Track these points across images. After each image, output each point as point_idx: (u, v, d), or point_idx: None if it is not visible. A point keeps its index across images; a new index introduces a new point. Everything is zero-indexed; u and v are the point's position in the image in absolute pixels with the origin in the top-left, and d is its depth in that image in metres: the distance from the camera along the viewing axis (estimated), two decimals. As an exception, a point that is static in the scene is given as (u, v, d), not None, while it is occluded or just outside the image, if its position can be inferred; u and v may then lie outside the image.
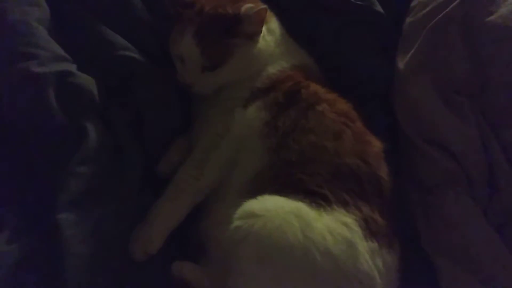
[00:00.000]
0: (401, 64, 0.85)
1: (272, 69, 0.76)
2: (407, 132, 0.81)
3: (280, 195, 0.61)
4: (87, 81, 0.72)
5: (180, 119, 0.79)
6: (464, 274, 0.70)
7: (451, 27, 0.81)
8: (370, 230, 0.61)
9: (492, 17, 0.79)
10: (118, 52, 0.76)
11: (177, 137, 0.78)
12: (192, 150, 0.73)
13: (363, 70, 0.88)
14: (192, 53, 0.71)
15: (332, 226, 0.59)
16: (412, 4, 0.90)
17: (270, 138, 0.69)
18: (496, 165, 0.75)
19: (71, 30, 0.78)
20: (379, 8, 0.90)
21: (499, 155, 0.75)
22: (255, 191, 0.63)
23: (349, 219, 0.60)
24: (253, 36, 0.74)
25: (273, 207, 0.59)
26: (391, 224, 0.66)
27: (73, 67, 0.73)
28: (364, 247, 0.59)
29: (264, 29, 0.75)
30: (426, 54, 0.82)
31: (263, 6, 0.71)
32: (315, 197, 0.61)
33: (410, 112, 0.82)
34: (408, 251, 0.72)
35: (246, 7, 0.70)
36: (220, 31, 0.70)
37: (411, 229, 0.76)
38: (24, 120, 0.69)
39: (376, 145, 0.71)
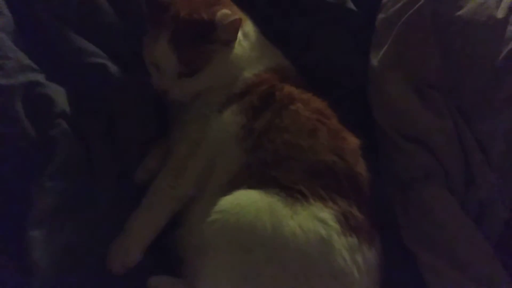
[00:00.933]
0: (374, 60, 0.85)
1: (248, 74, 0.76)
2: (383, 128, 0.82)
3: (256, 188, 0.62)
4: (56, 91, 0.70)
5: (155, 127, 0.77)
6: (446, 267, 0.70)
7: (421, 22, 0.81)
8: (349, 225, 0.61)
9: (461, 12, 0.80)
10: (88, 59, 0.74)
11: (154, 143, 0.77)
12: (168, 158, 0.72)
13: (339, 68, 0.88)
14: (168, 59, 0.68)
15: (306, 224, 0.59)
16: (384, 0, 0.91)
17: (246, 140, 0.68)
18: (471, 158, 0.76)
19: (37, 38, 0.76)
20: (351, 5, 0.90)
21: (474, 147, 0.76)
22: (231, 191, 0.63)
23: (326, 214, 0.60)
24: (229, 42, 0.73)
25: (246, 203, 0.60)
26: (371, 219, 0.66)
27: (41, 77, 0.71)
28: (341, 243, 0.59)
29: (239, 33, 0.74)
30: (399, 50, 0.82)
31: (237, 16, 0.69)
32: (292, 191, 0.61)
33: (386, 108, 0.82)
34: (389, 246, 0.73)
35: (221, 13, 0.68)
36: (196, 37, 0.69)
37: (392, 225, 0.76)
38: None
39: (353, 141, 0.71)
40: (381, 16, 0.89)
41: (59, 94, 0.70)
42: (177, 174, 0.69)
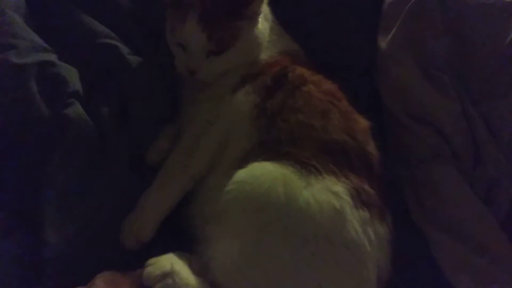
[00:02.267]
0: (383, 44, 0.86)
1: (264, 55, 0.77)
2: (391, 110, 0.82)
3: (271, 160, 0.63)
4: (69, 71, 0.70)
5: (168, 107, 0.77)
6: (456, 244, 0.71)
7: (429, 4, 0.82)
8: (361, 199, 0.62)
9: (470, -7, 0.81)
10: (100, 40, 0.74)
11: (165, 125, 0.77)
12: (181, 137, 0.73)
13: (347, 51, 0.89)
14: (198, 38, 0.69)
15: (319, 195, 0.60)
16: (392, -16, 0.91)
17: (260, 119, 0.69)
18: (479, 138, 0.77)
19: (50, 18, 0.76)
20: (358, -13, 0.91)
21: (482, 128, 0.77)
22: (245, 165, 0.64)
23: (339, 187, 0.61)
24: (254, 16, 0.73)
25: (261, 173, 0.61)
26: (382, 196, 0.67)
27: (54, 57, 0.71)
28: (353, 215, 0.60)
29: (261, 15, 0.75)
30: (407, 33, 0.83)
31: None
32: (306, 165, 0.62)
33: (394, 90, 0.83)
34: (399, 225, 0.74)
35: None
36: (225, 15, 0.69)
37: (401, 204, 0.77)
38: (4, 113, 0.66)
39: (363, 122, 0.72)
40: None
41: (72, 74, 0.70)
42: (190, 153, 0.70)
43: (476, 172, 0.76)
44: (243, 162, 0.65)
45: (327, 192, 0.60)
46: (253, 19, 0.74)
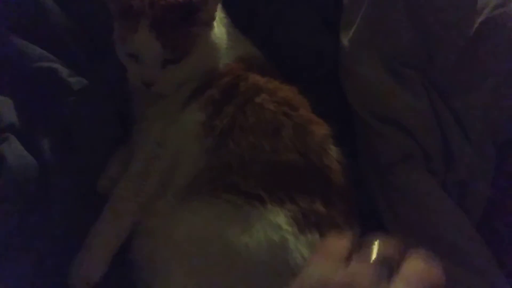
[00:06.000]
0: (345, 40, 0.81)
1: (219, 63, 0.72)
2: (358, 111, 0.78)
3: (214, 197, 0.61)
4: (2, 103, 0.65)
5: (118, 129, 0.73)
6: (428, 250, 0.68)
7: (392, -3, 0.77)
8: (309, 222, 0.60)
9: (433, -16, 0.75)
10: (35, 64, 0.69)
11: (118, 147, 0.73)
12: (130, 162, 0.68)
13: (307, 50, 0.84)
14: (152, 47, 0.64)
15: (258, 234, 0.58)
16: (351, -24, 0.86)
17: (207, 138, 0.65)
18: (450, 136, 0.73)
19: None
20: (317, -16, 0.85)
21: (452, 125, 0.73)
22: (191, 195, 0.62)
23: (281, 218, 0.59)
24: (209, 21, 0.69)
25: (196, 223, 0.60)
26: (344, 210, 0.64)
27: None
28: (298, 242, 0.58)
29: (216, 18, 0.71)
30: (369, 28, 0.78)
31: None
32: (250, 197, 0.60)
33: (359, 90, 0.78)
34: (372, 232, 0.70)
35: None
36: (178, 21, 0.65)
37: (373, 209, 0.74)
38: None
39: (321, 132, 0.67)
40: (349, -7, 0.84)
41: (5, 106, 0.65)
42: (139, 180, 0.65)
43: (448, 173, 0.73)
44: (188, 190, 0.62)
45: (268, 227, 0.58)
46: (209, 24, 0.70)
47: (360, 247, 0.40)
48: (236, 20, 0.81)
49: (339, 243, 0.40)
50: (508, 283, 0.66)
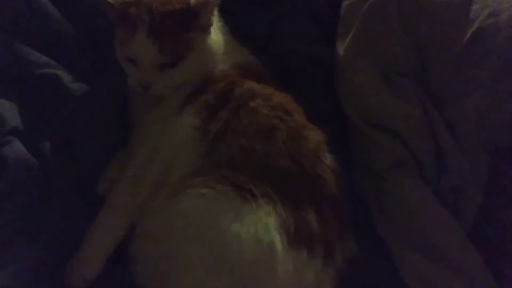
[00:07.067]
0: (340, 49, 0.83)
1: (215, 69, 0.74)
2: (352, 118, 0.79)
3: (206, 186, 0.61)
4: (6, 107, 0.68)
5: (117, 133, 0.75)
6: (420, 258, 0.69)
7: (385, 6, 0.78)
8: (299, 237, 0.59)
9: (426, -6, 0.77)
10: (39, 70, 0.72)
11: (117, 150, 0.75)
12: (127, 165, 0.70)
13: (305, 59, 0.86)
14: (149, 51, 0.67)
15: (250, 230, 0.58)
16: (349, -14, 0.88)
17: (201, 142, 0.66)
18: (443, 143, 0.74)
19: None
20: (315, -6, 0.87)
21: (445, 133, 0.74)
22: (184, 188, 0.63)
23: (271, 221, 0.59)
24: (206, 27, 0.72)
25: (189, 207, 0.61)
26: (335, 224, 0.64)
27: None
28: (285, 254, 0.58)
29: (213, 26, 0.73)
30: (364, 37, 0.80)
31: None
32: (242, 190, 0.60)
33: (353, 98, 0.80)
34: (365, 238, 0.71)
35: (194, 0, 0.68)
36: (175, 26, 0.68)
37: (367, 216, 0.75)
38: None
39: (314, 139, 0.68)
40: (345, 3, 0.86)
41: (9, 110, 0.68)
42: (136, 182, 0.67)
43: (441, 180, 0.73)
44: (181, 185, 0.63)
45: (258, 224, 0.58)
46: (205, 30, 0.72)
47: None
48: (235, 29, 0.83)
49: None
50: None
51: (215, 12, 0.74)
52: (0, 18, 0.74)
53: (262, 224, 0.58)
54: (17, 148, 0.66)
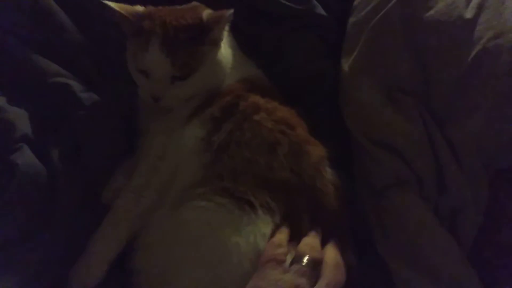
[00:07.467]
0: (345, 66, 0.84)
1: (224, 82, 0.76)
2: (355, 135, 0.80)
3: (205, 199, 0.63)
4: (17, 115, 0.69)
5: (125, 143, 0.77)
6: (419, 277, 0.69)
7: (390, 25, 0.79)
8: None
9: (430, 13, 0.78)
10: (51, 79, 0.74)
11: (124, 159, 0.76)
12: (132, 174, 0.72)
13: (311, 74, 0.87)
14: (162, 64, 0.69)
15: (250, 239, 0.59)
16: (355, 3, 0.89)
17: (205, 153, 0.68)
18: (443, 163, 0.74)
19: (-1, 61, 0.75)
20: (321, 10, 0.88)
21: (446, 152, 0.74)
22: (184, 201, 0.64)
23: (270, 230, 0.60)
24: (217, 41, 0.74)
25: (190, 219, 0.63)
26: (338, 234, 0.65)
27: (1, 101, 0.71)
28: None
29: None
30: (369, 55, 0.81)
31: (223, 12, 0.70)
32: (241, 202, 0.62)
33: (357, 115, 0.81)
34: (367, 255, 0.72)
35: (206, 14, 0.70)
36: (187, 40, 0.70)
37: (366, 230, 0.75)
38: None
39: (316, 154, 0.69)
40: (352, 20, 0.87)
41: (20, 118, 0.70)
42: (139, 191, 0.69)
43: (440, 199, 0.73)
44: (184, 197, 0.65)
45: (258, 234, 0.59)
46: (216, 44, 0.74)
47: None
48: (242, 44, 0.85)
49: (280, 249, 0.55)
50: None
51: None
52: (18, 27, 0.76)
53: (261, 234, 0.59)
54: (27, 155, 0.67)
